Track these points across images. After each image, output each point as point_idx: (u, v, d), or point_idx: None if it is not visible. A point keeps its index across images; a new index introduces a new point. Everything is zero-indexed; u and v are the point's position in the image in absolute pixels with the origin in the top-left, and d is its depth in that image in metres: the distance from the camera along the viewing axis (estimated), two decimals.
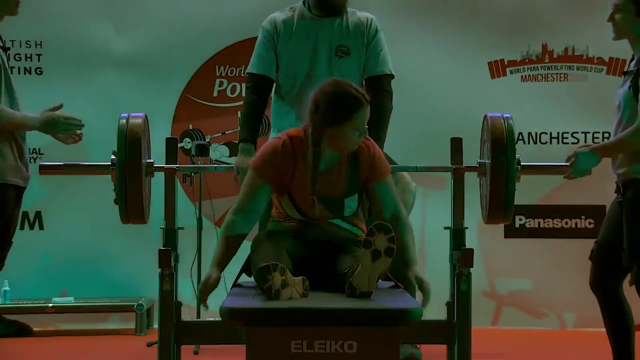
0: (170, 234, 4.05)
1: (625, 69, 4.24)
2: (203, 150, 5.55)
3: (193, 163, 5.62)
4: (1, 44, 4.14)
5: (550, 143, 6.33)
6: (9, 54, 4.24)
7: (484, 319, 5.93)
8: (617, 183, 4.16)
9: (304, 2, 4.12)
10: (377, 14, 6.35)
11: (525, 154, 3.45)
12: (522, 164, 3.84)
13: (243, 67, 5.74)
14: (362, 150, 3.38)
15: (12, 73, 4.33)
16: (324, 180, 3.34)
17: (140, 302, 6.08)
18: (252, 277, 3.35)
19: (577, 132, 6.34)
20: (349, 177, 3.37)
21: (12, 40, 6.18)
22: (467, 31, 6.32)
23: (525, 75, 6.33)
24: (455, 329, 3.84)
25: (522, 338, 5.74)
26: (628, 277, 4.14)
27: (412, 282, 3.36)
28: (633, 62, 4.11)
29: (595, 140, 6.17)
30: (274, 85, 4.17)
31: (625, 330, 4.17)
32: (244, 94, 4.26)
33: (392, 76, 4.12)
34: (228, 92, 6.36)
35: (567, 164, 4.05)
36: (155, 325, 4.34)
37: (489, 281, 6.07)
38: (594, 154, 4.05)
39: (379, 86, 4.10)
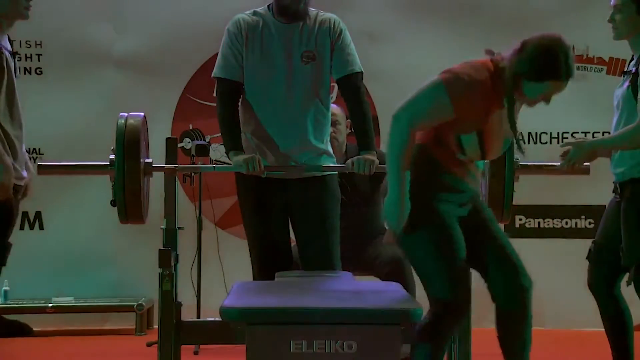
0: (170, 234, 4.05)
1: (624, 69, 4.24)
2: (203, 150, 5.55)
3: (193, 163, 5.61)
4: (10, 49, 4.14)
5: (550, 143, 6.33)
6: (15, 59, 4.22)
7: (483, 319, 5.93)
8: (615, 183, 4.16)
9: (268, 7, 4.09)
10: (376, 12, 6.42)
11: (528, 153, 3.43)
12: (521, 163, 3.84)
13: None
14: None
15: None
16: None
17: (140, 302, 6.07)
18: None
19: (577, 132, 6.34)
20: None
21: (12, 41, 6.14)
22: (467, 30, 6.31)
23: None
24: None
25: None
26: (626, 277, 4.14)
27: None
28: (632, 62, 4.12)
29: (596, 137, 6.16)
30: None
31: (624, 330, 4.17)
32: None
33: (362, 73, 4.10)
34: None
35: (556, 163, 4.08)
36: (155, 325, 4.34)
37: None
38: (590, 145, 4.06)
39: (352, 85, 4.08)
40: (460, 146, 3.19)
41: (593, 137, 6.22)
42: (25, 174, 4.12)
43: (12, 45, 4.26)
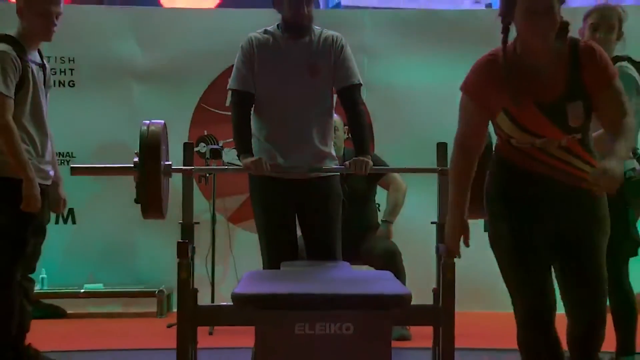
0: (188, 228, 4.03)
1: None
2: (216, 154, 5.54)
3: (208, 165, 5.60)
4: (41, 62, 4.12)
5: None
6: (47, 72, 4.20)
7: (465, 303, 5.92)
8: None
9: (277, 26, 4.08)
10: (371, 32, 6.41)
11: None
12: None
13: None
14: (585, 51, 2.86)
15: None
16: (537, 81, 2.85)
17: (161, 288, 6.09)
18: None
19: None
20: (569, 77, 2.83)
21: (48, 57, 6.11)
22: (451, 48, 6.30)
23: None
24: (441, 313, 3.82)
25: (501, 319, 5.73)
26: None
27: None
28: None
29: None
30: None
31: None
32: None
33: (361, 85, 4.08)
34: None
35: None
36: (175, 309, 4.33)
37: (468, 271, 6.04)
38: (617, 165, 3.98)
39: (352, 95, 4.05)
40: (501, 130, 2.93)
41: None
42: (51, 173, 4.11)
43: (45, 60, 4.24)
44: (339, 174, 4.16)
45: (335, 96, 4.14)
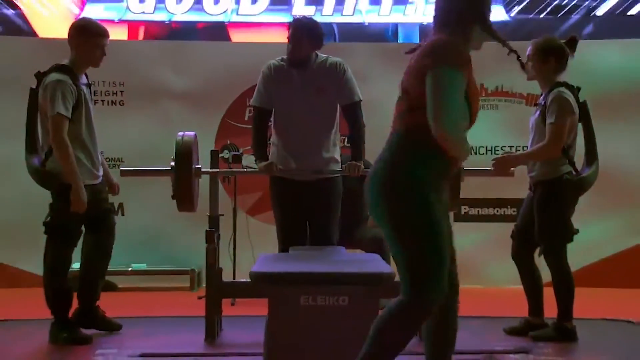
0: (214, 220, 4.04)
1: (537, 102, 4.25)
2: (237, 159, 5.53)
3: (230, 168, 5.60)
4: (87, 82, 4.09)
5: (486, 154, 6.32)
6: (93, 90, 4.18)
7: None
8: (530, 183, 4.16)
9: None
10: (365, 59, 6.37)
11: (470, 162, 3.42)
12: (464, 169, 3.84)
13: None
14: None
15: (102, 105, 4.28)
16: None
17: (192, 267, 6.09)
18: None
19: (505, 146, 6.33)
20: None
21: (103, 81, 6.18)
22: None
23: None
24: None
25: (463, 293, 5.73)
26: (539, 250, 4.13)
27: None
28: (542, 97, 4.12)
29: (517, 151, 6.16)
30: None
31: (537, 287, 4.16)
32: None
33: (361, 101, 4.09)
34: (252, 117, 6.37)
35: (490, 168, 4.09)
36: (204, 284, 4.32)
37: None
38: (511, 160, 4.08)
39: (354, 111, 4.07)
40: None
41: (515, 149, 6.22)
42: (100, 173, 4.08)
43: (102, 84, 4.22)
44: (340, 175, 4.17)
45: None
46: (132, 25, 6.67)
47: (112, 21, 6.41)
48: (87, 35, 3.97)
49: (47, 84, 3.84)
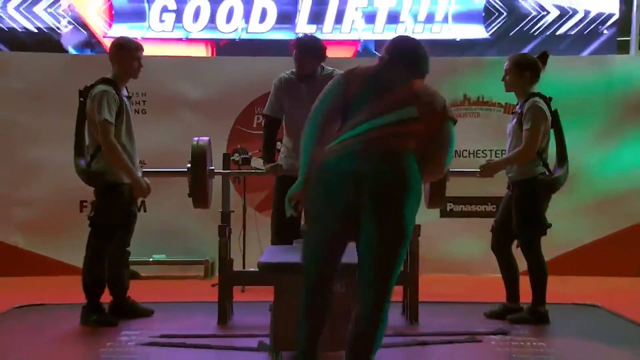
0: (226, 216, 4.03)
1: (513, 110, 4.23)
2: (246, 161, 5.53)
3: (240, 169, 5.58)
4: (127, 94, 4.12)
5: (469, 157, 6.29)
6: (132, 101, 4.22)
7: (425, 269, 5.92)
8: (508, 183, 4.15)
9: None
10: None
11: (454, 164, 3.41)
12: (450, 170, 3.82)
13: None
14: None
15: None
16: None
17: (206, 258, 6.06)
18: None
19: (486, 150, 6.30)
20: None
21: (131, 92, 6.13)
22: None
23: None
24: (408, 276, 3.80)
25: (449, 282, 5.72)
26: (515, 243, 4.12)
27: None
28: (518, 106, 4.11)
29: (497, 155, 6.13)
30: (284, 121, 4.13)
31: (514, 277, 4.15)
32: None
33: None
34: (262, 124, 6.34)
35: (477, 170, 4.08)
36: (217, 274, 4.31)
37: (428, 246, 6.03)
38: (494, 166, 4.08)
39: None
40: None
41: (495, 153, 6.20)
42: (140, 173, 4.09)
43: (129, 94, 4.26)
44: None
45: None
46: (159, 41, 6.60)
47: (135, 39, 6.38)
48: (125, 49, 4.02)
49: (94, 94, 3.89)
